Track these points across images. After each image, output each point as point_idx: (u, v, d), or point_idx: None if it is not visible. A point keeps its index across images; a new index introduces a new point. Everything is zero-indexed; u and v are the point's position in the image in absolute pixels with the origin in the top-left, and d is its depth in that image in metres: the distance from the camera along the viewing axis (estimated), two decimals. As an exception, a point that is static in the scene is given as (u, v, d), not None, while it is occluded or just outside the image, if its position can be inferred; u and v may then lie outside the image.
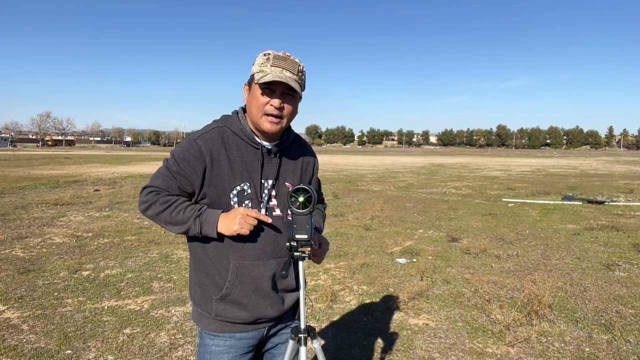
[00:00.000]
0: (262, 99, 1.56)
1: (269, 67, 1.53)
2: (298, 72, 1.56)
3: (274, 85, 1.54)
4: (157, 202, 1.57)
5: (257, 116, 1.58)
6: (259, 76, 1.54)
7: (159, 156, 47.64)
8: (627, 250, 6.68)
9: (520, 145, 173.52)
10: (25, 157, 36.87)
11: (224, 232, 1.54)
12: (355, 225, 8.47)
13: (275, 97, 1.55)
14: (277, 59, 1.54)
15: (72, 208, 9.97)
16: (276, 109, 1.56)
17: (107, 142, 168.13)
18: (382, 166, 32.34)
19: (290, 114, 1.61)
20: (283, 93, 1.56)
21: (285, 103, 1.58)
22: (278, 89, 1.55)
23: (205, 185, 1.59)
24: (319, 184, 1.95)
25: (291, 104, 1.60)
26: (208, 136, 1.60)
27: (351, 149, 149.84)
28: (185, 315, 4.06)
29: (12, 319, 3.90)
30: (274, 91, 1.55)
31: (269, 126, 1.57)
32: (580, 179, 20.89)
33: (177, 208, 1.56)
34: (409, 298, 4.50)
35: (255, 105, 1.57)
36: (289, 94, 1.58)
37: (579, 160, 50.79)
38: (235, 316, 1.64)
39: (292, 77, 1.54)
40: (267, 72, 1.52)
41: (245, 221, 1.53)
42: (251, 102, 1.60)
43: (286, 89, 1.56)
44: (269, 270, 1.65)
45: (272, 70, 1.52)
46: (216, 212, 1.57)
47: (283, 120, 1.60)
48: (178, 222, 1.56)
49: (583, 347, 3.53)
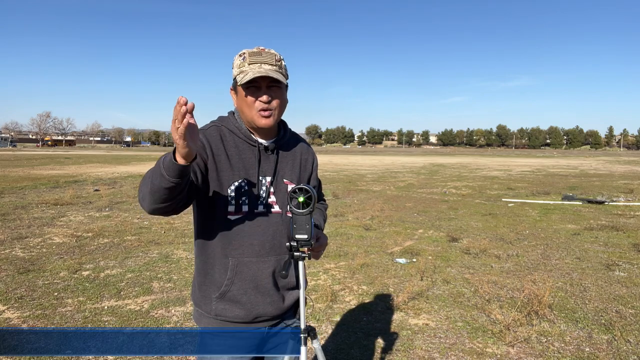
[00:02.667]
0: (250, 99, 1.57)
1: (247, 66, 1.54)
2: (276, 62, 1.56)
3: (257, 82, 1.55)
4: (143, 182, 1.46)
5: (250, 115, 1.59)
6: (240, 77, 1.54)
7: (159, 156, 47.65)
8: (627, 250, 6.68)
9: (520, 145, 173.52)
10: (25, 157, 36.88)
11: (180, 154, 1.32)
12: (355, 225, 8.47)
13: (261, 93, 1.56)
14: (252, 56, 1.55)
15: (72, 208, 9.97)
16: (265, 103, 1.57)
17: (107, 142, 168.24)
18: (382, 166, 32.34)
19: (280, 105, 1.62)
20: (268, 87, 1.57)
21: (273, 95, 1.58)
22: (262, 84, 1.56)
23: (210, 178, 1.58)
24: (320, 183, 1.95)
25: (279, 95, 1.60)
26: (208, 132, 1.62)
27: (351, 149, 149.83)
28: (185, 315, 4.06)
29: (12, 319, 3.90)
30: (259, 88, 1.56)
31: (264, 121, 1.58)
32: (580, 179, 20.89)
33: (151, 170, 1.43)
34: (409, 298, 4.50)
35: (245, 105, 1.59)
36: (274, 85, 1.58)
37: (579, 160, 50.80)
38: (234, 315, 1.64)
39: (272, 69, 1.54)
40: (246, 71, 1.53)
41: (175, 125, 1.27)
42: (241, 105, 1.61)
43: (270, 82, 1.56)
44: (268, 267, 1.65)
45: (250, 69, 1.53)
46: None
47: (275, 112, 1.60)
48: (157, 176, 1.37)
49: (583, 347, 3.53)
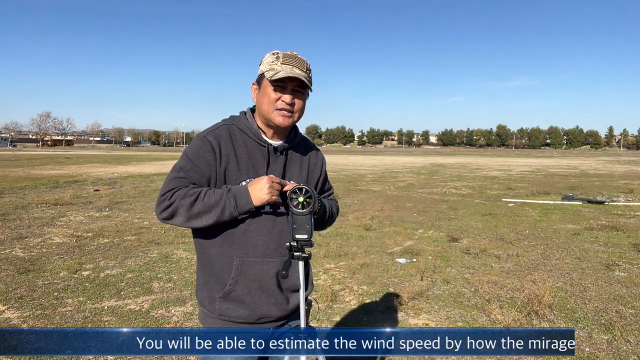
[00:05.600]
0: (273, 95, 1.61)
1: (280, 65, 1.58)
2: (307, 70, 1.62)
3: (286, 81, 1.60)
4: (186, 196, 1.54)
5: (269, 111, 1.63)
6: (270, 74, 1.59)
7: (159, 156, 47.69)
8: (627, 250, 6.68)
9: (520, 145, 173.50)
10: (25, 157, 36.89)
11: (257, 203, 1.55)
12: (355, 225, 8.47)
13: (286, 92, 1.61)
14: (286, 57, 1.60)
15: (72, 208, 9.97)
16: (288, 104, 1.61)
17: (107, 142, 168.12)
18: (382, 166, 32.35)
19: (300, 109, 1.67)
20: (294, 89, 1.62)
21: (296, 99, 1.63)
22: (289, 85, 1.61)
23: (217, 180, 1.62)
24: (331, 188, 1.98)
25: (301, 100, 1.66)
26: (217, 132, 1.66)
27: (351, 149, 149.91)
28: (185, 315, 4.06)
29: (12, 319, 3.90)
30: (285, 87, 1.61)
31: (282, 120, 1.62)
32: (580, 179, 20.90)
33: (207, 193, 1.56)
34: (409, 298, 4.50)
35: (267, 101, 1.62)
36: (299, 90, 1.63)
37: (579, 160, 50.81)
38: (238, 315, 1.65)
39: (302, 74, 1.59)
40: (278, 70, 1.58)
41: (274, 188, 1.55)
42: (262, 99, 1.65)
43: (297, 86, 1.62)
44: (272, 268, 1.66)
45: (283, 68, 1.58)
46: (242, 185, 1.58)
47: (294, 115, 1.66)
48: (212, 206, 1.54)
49: (583, 347, 3.53)
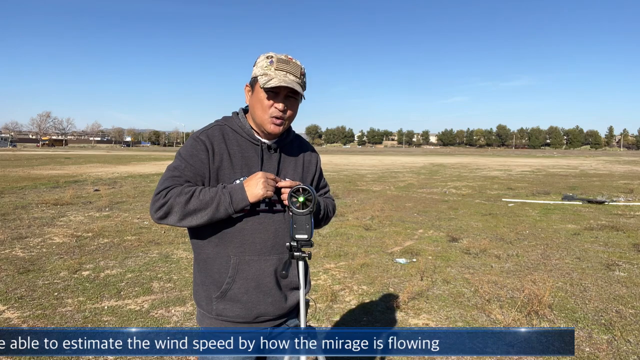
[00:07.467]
0: (266, 102, 1.60)
1: (273, 71, 1.56)
2: (301, 75, 1.61)
3: (279, 89, 1.58)
4: (181, 194, 1.53)
5: (261, 118, 1.62)
6: (263, 80, 1.56)
7: (159, 156, 47.68)
8: (627, 250, 6.68)
9: (520, 145, 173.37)
10: (25, 157, 36.88)
11: (252, 199, 1.54)
12: (355, 225, 8.47)
13: (279, 100, 1.60)
14: (280, 63, 1.57)
15: (72, 208, 9.97)
16: (280, 111, 1.60)
17: (107, 142, 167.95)
18: (382, 166, 32.35)
19: (291, 116, 1.67)
20: (287, 96, 1.61)
21: (289, 105, 1.63)
22: (282, 92, 1.59)
23: (211, 179, 1.62)
24: (327, 186, 1.96)
25: (294, 106, 1.65)
26: (210, 132, 1.66)
27: (351, 149, 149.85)
28: (185, 315, 4.06)
29: (12, 319, 3.90)
30: (278, 94, 1.59)
31: (273, 128, 1.62)
32: (580, 179, 20.90)
33: (202, 190, 1.55)
34: (409, 298, 4.50)
35: (260, 107, 1.61)
36: (292, 96, 1.62)
37: (579, 160, 50.81)
38: (235, 315, 1.64)
39: (295, 80, 1.58)
40: (271, 77, 1.56)
41: (268, 183, 1.55)
42: (255, 104, 1.63)
43: (290, 92, 1.60)
44: (270, 266, 1.66)
45: (276, 75, 1.56)
46: (237, 183, 1.58)
47: (286, 122, 1.65)
48: (207, 203, 1.52)
49: (583, 347, 3.53)
